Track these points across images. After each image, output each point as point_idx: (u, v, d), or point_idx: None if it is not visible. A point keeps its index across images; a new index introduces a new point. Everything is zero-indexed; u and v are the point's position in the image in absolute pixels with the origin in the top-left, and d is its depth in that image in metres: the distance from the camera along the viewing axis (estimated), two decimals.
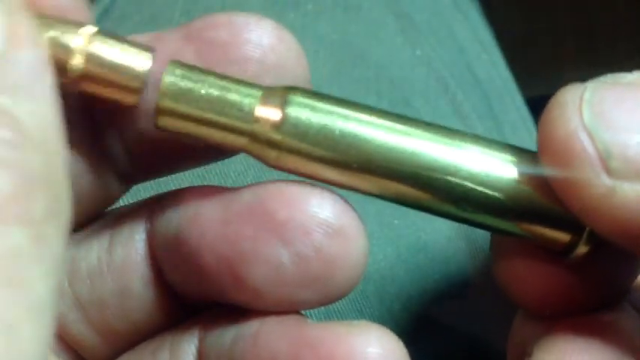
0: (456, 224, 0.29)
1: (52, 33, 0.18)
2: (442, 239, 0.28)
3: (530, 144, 0.19)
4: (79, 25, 0.18)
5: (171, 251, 0.20)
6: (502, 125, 0.37)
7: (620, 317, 0.19)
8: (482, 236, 0.29)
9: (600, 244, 0.18)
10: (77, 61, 0.18)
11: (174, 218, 0.19)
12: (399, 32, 0.35)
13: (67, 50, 0.18)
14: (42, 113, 0.15)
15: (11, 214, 0.13)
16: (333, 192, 0.18)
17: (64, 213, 0.15)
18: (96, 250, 0.20)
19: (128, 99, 0.18)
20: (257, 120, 0.18)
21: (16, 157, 0.14)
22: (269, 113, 0.18)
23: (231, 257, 0.18)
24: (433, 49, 0.36)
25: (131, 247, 0.20)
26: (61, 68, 0.18)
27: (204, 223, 0.19)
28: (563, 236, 0.18)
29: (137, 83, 0.18)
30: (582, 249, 0.18)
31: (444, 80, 0.35)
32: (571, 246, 0.18)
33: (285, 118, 0.18)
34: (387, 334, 0.18)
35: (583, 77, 0.18)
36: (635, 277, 0.20)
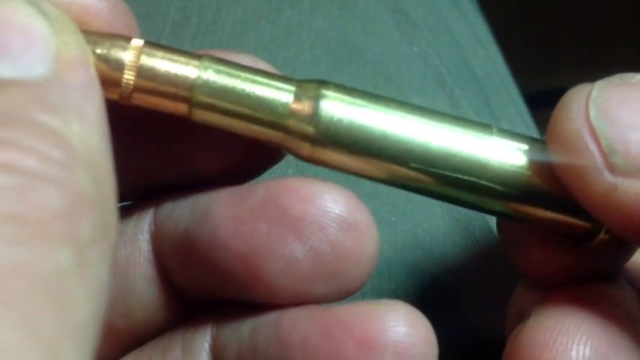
0: (452, 220, 0.29)
1: (100, 49, 0.17)
2: (439, 235, 0.28)
3: None
4: (126, 38, 0.18)
5: (180, 250, 0.20)
6: (499, 121, 0.37)
7: (615, 288, 0.20)
8: (479, 231, 0.29)
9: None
10: (129, 76, 0.18)
11: (184, 216, 0.19)
12: (395, 28, 0.35)
13: (117, 66, 0.18)
14: (91, 136, 0.15)
15: (59, 233, 0.13)
16: (345, 188, 0.18)
17: (110, 239, 0.15)
18: None
19: (181, 109, 0.18)
20: (292, 114, 0.18)
21: (65, 177, 0.14)
22: (303, 107, 0.18)
23: (245, 254, 0.18)
24: (430, 45, 0.36)
25: (135, 247, 0.20)
26: (112, 84, 0.18)
27: (216, 220, 0.19)
28: (584, 224, 0.19)
29: (189, 92, 0.18)
30: (603, 237, 0.19)
31: (441, 76, 0.35)
32: (591, 233, 0.19)
33: (318, 112, 0.18)
34: (413, 310, 0.18)
35: (580, 72, 0.18)
36: (630, 256, 0.21)
